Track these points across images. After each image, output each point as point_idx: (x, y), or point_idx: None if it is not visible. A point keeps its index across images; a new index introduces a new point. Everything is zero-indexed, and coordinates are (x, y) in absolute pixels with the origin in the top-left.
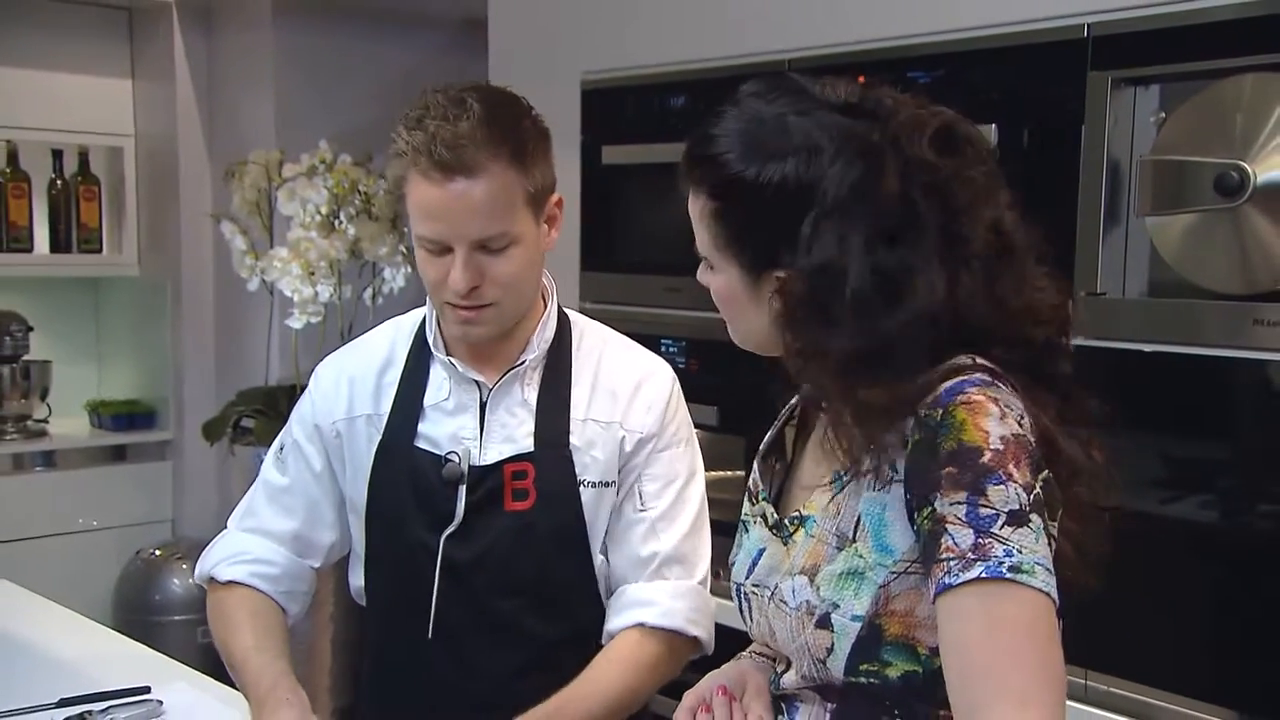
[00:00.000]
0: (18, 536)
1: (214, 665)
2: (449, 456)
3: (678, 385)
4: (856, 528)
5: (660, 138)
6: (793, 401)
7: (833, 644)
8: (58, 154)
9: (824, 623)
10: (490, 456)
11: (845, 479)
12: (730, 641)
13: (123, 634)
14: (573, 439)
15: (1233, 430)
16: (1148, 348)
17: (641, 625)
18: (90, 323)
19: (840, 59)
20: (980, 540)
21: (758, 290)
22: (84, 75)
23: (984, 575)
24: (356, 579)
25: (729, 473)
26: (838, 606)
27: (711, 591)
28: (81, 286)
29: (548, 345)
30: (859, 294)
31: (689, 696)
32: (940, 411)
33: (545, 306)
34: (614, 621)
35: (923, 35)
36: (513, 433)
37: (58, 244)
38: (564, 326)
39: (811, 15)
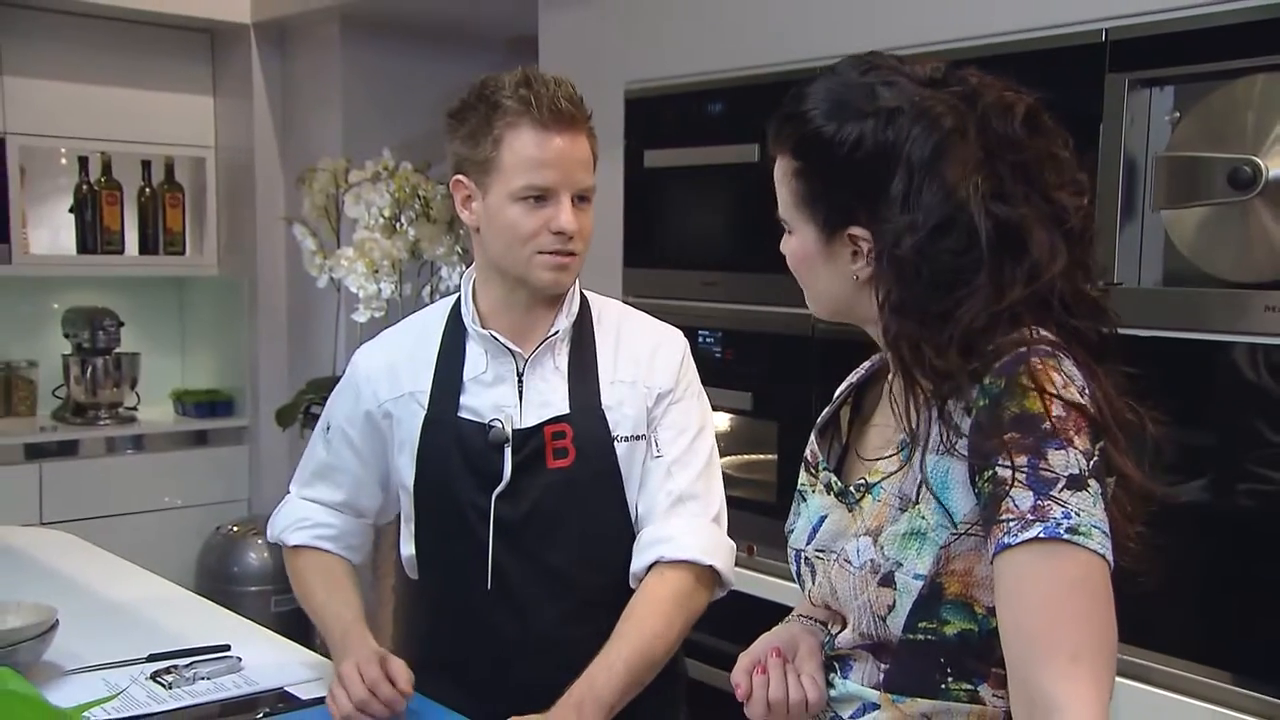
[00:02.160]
0: (110, 513)
1: (287, 628)
2: (493, 423)
3: (688, 348)
4: (919, 490)
5: (698, 142)
6: (850, 381)
7: (895, 601)
8: (146, 164)
9: (887, 581)
10: (530, 420)
11: (910, 445)
12: (772, 615)
13: None
14: (604, 399)
15: (1242, 411)
16: (1147, 333)
17: (660, 560)
18: (175, 318)
19: None
20: (1039, 502)
21: (831, 250)
22: (170, 93)
23: (1042, 535)
24: (408, 548)
25: (762, 456)
26: (901, 565)
27: (757, 569)
28: (167, 285)
29: (574, 317)
30: (991, 248)
31: (744, 658)
32: (1004, 380)
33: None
34: (636, 562)
35: (950, 41)
36: (548, 398)
37: (146, 246)
38: (584, 303)
39: (837, 24)
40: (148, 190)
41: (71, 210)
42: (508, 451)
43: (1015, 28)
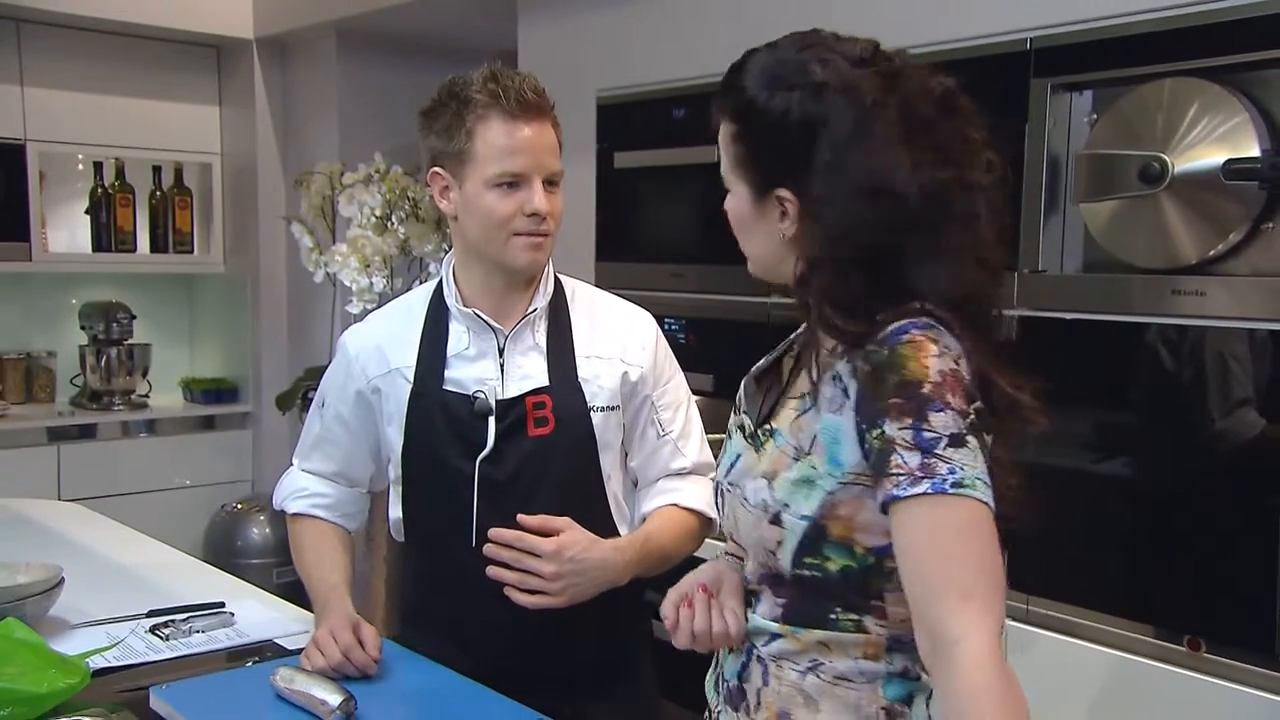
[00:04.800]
0: (124, 491)
1: (285, 596)
2: (476, 394)
3: (658, 326)
4: (812, 443)
5: (665, 144)
6: (793, 336)
7: (782, 539)
8: (157, 169)
9: (776, 520)
10: (512, 391)
11: (809, 402)
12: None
13: None
14: (580, 372)
15: (1155, 384)
16: (1069, 315)
17: (675, 505)
18: (184, 312)
19: None
20: (926, 460)
21: (762, 209)
22: (179, 103)
23: (929, 491)
24: (395, 511)
25: (723, 435)
26: (788, 507)
27: (714, 536)
28: (176, 281)
29: (550, 296)
30: (898, 216)
31: (673, 593)
32: (886, 349)
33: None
34: (650, 504)
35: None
36: (529, 371)
37: (156, 245)
38: (559, 285)
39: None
40: (158, 193)
41: (87, 212)
42: (491, 420)
43: (947, 37)
